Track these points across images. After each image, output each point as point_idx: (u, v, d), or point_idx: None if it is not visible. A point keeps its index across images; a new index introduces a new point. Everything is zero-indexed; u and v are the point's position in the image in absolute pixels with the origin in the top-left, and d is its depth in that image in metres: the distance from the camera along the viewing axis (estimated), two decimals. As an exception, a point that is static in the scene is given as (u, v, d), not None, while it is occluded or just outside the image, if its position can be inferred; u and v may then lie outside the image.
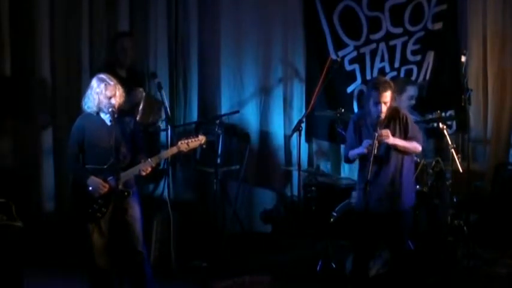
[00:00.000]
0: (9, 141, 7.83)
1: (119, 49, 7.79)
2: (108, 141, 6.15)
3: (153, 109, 7.69)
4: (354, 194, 6.59)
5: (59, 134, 7.86)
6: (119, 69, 7.72)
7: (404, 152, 6.36)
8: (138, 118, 7.43)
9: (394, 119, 6.37)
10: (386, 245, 6.62)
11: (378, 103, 6.27)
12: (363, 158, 6.38)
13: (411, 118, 6.50)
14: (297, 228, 7.83)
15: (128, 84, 7.48)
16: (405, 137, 6.36)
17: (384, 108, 6.29)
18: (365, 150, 6.27)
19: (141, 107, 7.53)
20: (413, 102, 7.70)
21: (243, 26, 8.68)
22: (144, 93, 7.60)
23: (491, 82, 8.31)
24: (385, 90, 6.27)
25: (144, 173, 6.23)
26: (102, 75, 6.30)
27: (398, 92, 6.90)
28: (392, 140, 6.28)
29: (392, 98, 6.34)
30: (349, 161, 6.60)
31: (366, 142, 6.29)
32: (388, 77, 7.87)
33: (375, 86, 6.32)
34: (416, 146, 6.39)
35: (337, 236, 7.30)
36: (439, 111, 7.82)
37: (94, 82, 6.25)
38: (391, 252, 6.58)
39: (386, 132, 6.25)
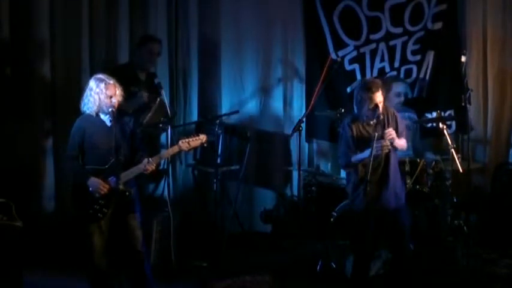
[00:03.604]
0: (9, 141, 7.83)
1: (145, 52, 7.76)
2: (108, 142, 6.16)
3: (161, 113, 7.68)
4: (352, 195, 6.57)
5: (59, 134, 7.86)
6: (139, 71, 7.73)
7: (398, 148, 6.38)
8: (146, 119, 7.45)
9: (387, 117, 6.38)
10: (389, 245, 6.61)
11: (373, 104, 6.27)
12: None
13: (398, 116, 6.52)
14: (297, 228, 7.82)
15: (143, 86, 7.53)
16: (397, 134, 6.36)
17: (381, 108, 6.30)
18: (379, 152, 6.23)
19: (151, 112, 7.53)
20: (401, 99, 7.71)
21: (243, 26, 8.68)
22: (158, 99, 7.57)
23: (491, 82, 8.31)
24: (377, 90, 6.30)
25: (146, 172, 6.23)
26: (100, 75, 6.30)
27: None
28: (397, 140, 6.29)
29: (384, 97, 6.36)
30: (350, 166, 6.45)
31: (376, 145, 6.20)
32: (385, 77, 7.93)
33: (368, 88, 6.31)
34: (404, 144, 6.42)
35: (337, 236, 7.29)
36: (439, 111, 7.85)
37: (92, 83, 6.24)
38: (393, 252, 6.58)
39: (392, 131, 6.24)
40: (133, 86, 7.51)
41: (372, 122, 6.33)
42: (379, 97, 6.28)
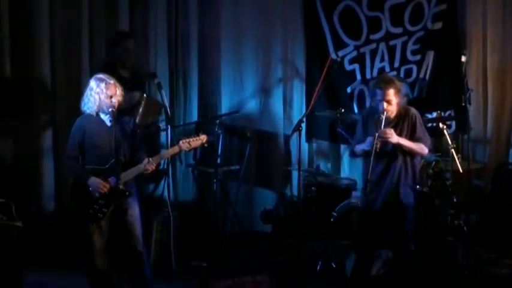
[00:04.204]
0: (9, 141, 7.83)
1: (121, 50, 7.76)
2: (109, 142, 6.15)
3: (153, 110, 7.68)
4: (355, 194, 6.58)
5: (59, 134, 7.86)
6: (121, 70, 7.72)
7: (409, 152, 6.34)
8: (138, 119, 7.44)
9: (404, 119, 6.34)
10: (390, 245, 6.61)
11: (380, 101, 6.26)
12: (366, 156, 6.36)
13: (420, 119, 6.46)
14: (297, 228, 7.82)
15: (130, 85, 7.51)
16: (412, 137, 6.32)
17: (388, 107, 6.26)
18: (369, 147, 6.25)
19: (141, 108, 7.52)
20: (405, 100, 7.69)
21: (243, 26, 8.68)
22: (144, 95, 7.58)
23: (491, 82, 8.31)
24: (388, 88, 6.25)
25: (146, 172, 6.23)
26: (101, 75, 6.30)
27: None
28: (397, 140, 6.24)
29: (397, 96, 6.30)
30: (354, 155, 6.58)
31: (369, 139, 6.27)
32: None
33: (378, 85, 6.31)
34: (422, 148, 6.33)
35: (337, 236, 7.30)
36: (439, 111, 7.85)
37: (93, 83, 6.24)
38: (394, 252, 6.58)
39: (390, 131, 6.22)
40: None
41: (380, 118, 6.31)
42: (387, 95, 6.24)
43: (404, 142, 6.27)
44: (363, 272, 6.46)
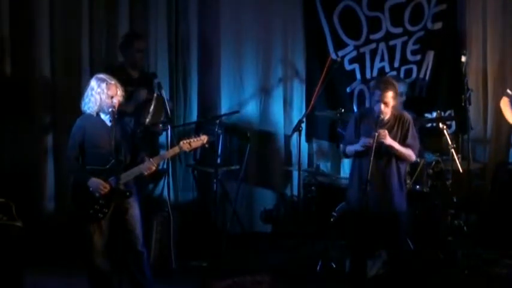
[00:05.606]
0: (10, 141, 7.83)
1: (134, 50, 7.76)
2: (109, 142, 6.15)
3: (161, 109, 7.68)
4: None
5: (59, 134, 7.85)
6: (131, 70, 7.73)
7: (398, 156, 6.37)
8: (149, 118, 7.45)
9: (398, 123, 6.38)
10: (385, 245, 6.64)
11: (378, 102, 6.29)
12: (359, 156, 6.39)
13: (413, 126, 6.49)
14: (297, 228, 7.83)
15: (139, 85, 7.54)
16: (403, 143, 6.36)
17: (384, 108, 6.29)
18: (362, 148, 6.29)
19: (152, 107, 7.53)
20: (403, 98, 7.70)
21: (243, 25, 8.68)
22: (155, 94, 7.58)
23: (491, 82, 8.31)
24: (387, 90, 6.29)
25: (147, 173, 6.24)
26: (101, 75, 6.30)
27: None
28: (389, 141, 6.29)
29: (395, 100, 6.34)
30: (346, 156, 6.65)
31: (363, 140, 6.30)
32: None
33: (378, 85, 6.35)
34: (411, 154, 6.40)
35: (337, 236, 7.30)
36: (439, 111, 7.85)
37: (94, 83, 6.24)
38: (389, 252, 6.59)
39: (384, 132, 6.26)
40: (129, 86, 7.48)
41: (380, 119, 6.34)
42: (386, 97, 6.28)
43: (396, 145, 6.31)
44: (359, 272, 6.47)
